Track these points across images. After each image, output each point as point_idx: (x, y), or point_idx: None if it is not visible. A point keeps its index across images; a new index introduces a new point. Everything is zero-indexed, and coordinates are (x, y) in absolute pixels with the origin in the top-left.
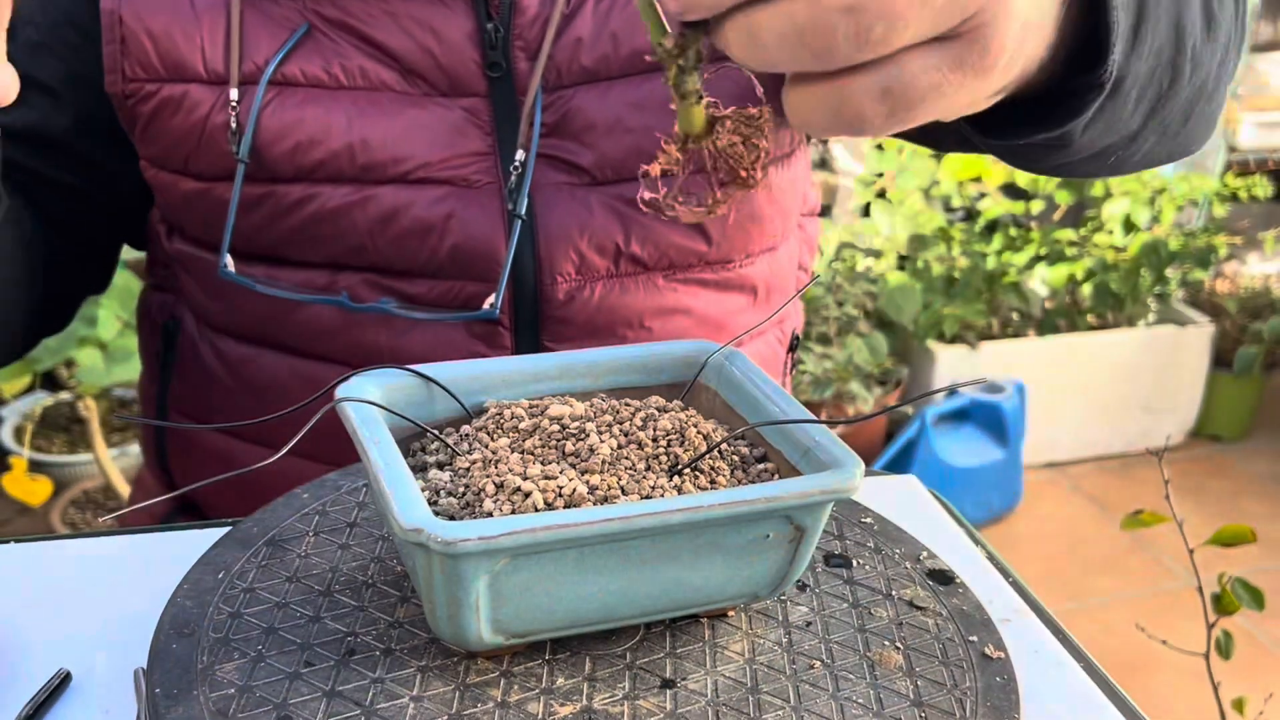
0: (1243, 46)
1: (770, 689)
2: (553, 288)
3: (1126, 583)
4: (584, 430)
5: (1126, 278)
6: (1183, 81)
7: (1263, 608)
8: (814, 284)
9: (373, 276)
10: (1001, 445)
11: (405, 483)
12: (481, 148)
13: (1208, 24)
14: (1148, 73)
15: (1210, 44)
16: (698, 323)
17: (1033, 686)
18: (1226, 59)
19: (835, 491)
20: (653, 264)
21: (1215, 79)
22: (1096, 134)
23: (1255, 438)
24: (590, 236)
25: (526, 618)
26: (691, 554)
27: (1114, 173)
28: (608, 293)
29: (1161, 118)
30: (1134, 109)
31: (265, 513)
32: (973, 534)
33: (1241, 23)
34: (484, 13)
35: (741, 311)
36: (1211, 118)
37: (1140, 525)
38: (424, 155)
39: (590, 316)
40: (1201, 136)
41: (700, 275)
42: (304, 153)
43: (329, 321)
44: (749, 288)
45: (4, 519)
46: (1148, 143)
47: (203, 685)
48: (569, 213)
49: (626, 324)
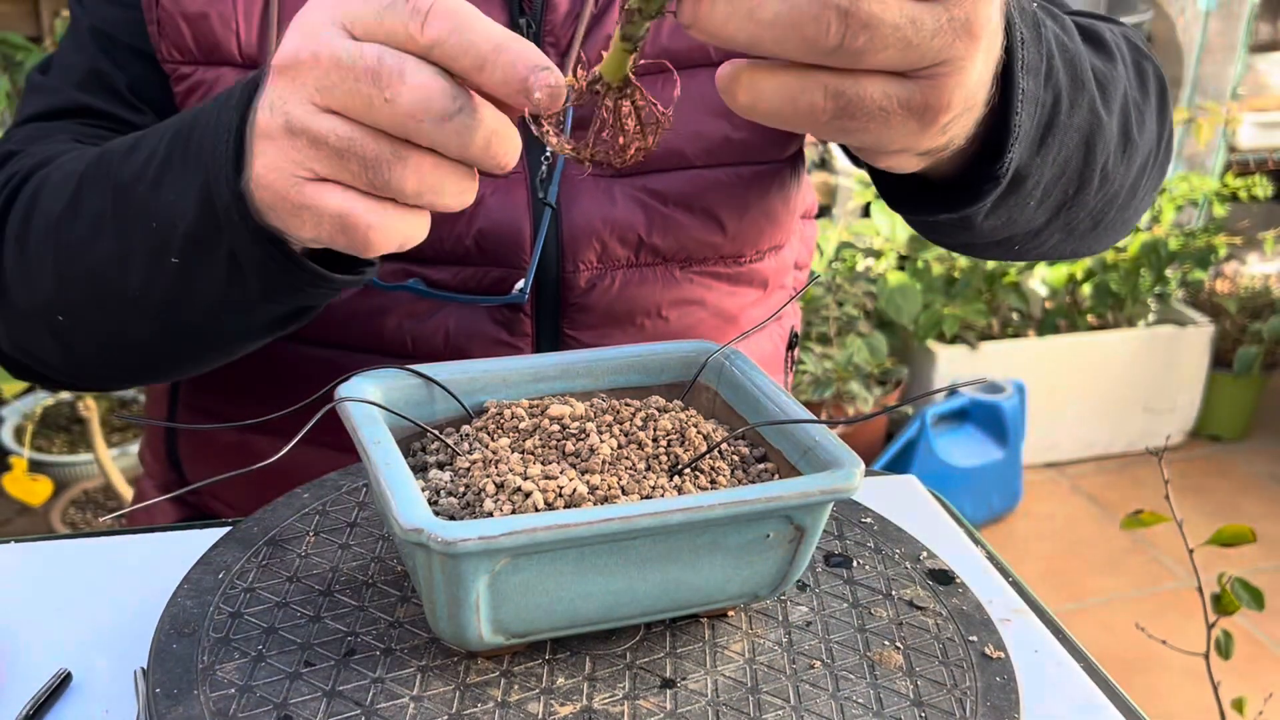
0: (1168, 162)
1: (770, 689)
2: (575, 275)
3: (1126, 583)
4: (584, 430)
5: (1126, 278)
6: (1090, 191)
7: (1263, 608)
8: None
9: (399, 263)
10: (1001, 445)
11: (405, 483)
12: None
13: (1124, 145)
14: (1053, 178)
15: (1126, 163)
16: (711, 314)
17: (1033, 686)
18: (1144, 177)
19: (835, 491)
20: (671, 255)
21: (1130, 191)
22: (999, 222)
23: (1255, 438)
24: (613, 227)
25: (526, 618)
26: (691, 554)
27: (1017, 259)
28: (627, 282)
29: (1067, 219)
30: (1037, 207)
31: (265, 512)
32: (973, 534)
33: (1167, 143)
34: (517, 8)
35: (751, 306)
36: (1126, 223)
37: (1140, 525)
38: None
39: (610, 305)
40: (1113, 239)
41: (715, 269)
42: None
43: (351, 309)
44: (758, 282)
45: (4, 519)
46: (1053, 239)
47: (203, 685)
48: (593, 203)
49: (645, 313)
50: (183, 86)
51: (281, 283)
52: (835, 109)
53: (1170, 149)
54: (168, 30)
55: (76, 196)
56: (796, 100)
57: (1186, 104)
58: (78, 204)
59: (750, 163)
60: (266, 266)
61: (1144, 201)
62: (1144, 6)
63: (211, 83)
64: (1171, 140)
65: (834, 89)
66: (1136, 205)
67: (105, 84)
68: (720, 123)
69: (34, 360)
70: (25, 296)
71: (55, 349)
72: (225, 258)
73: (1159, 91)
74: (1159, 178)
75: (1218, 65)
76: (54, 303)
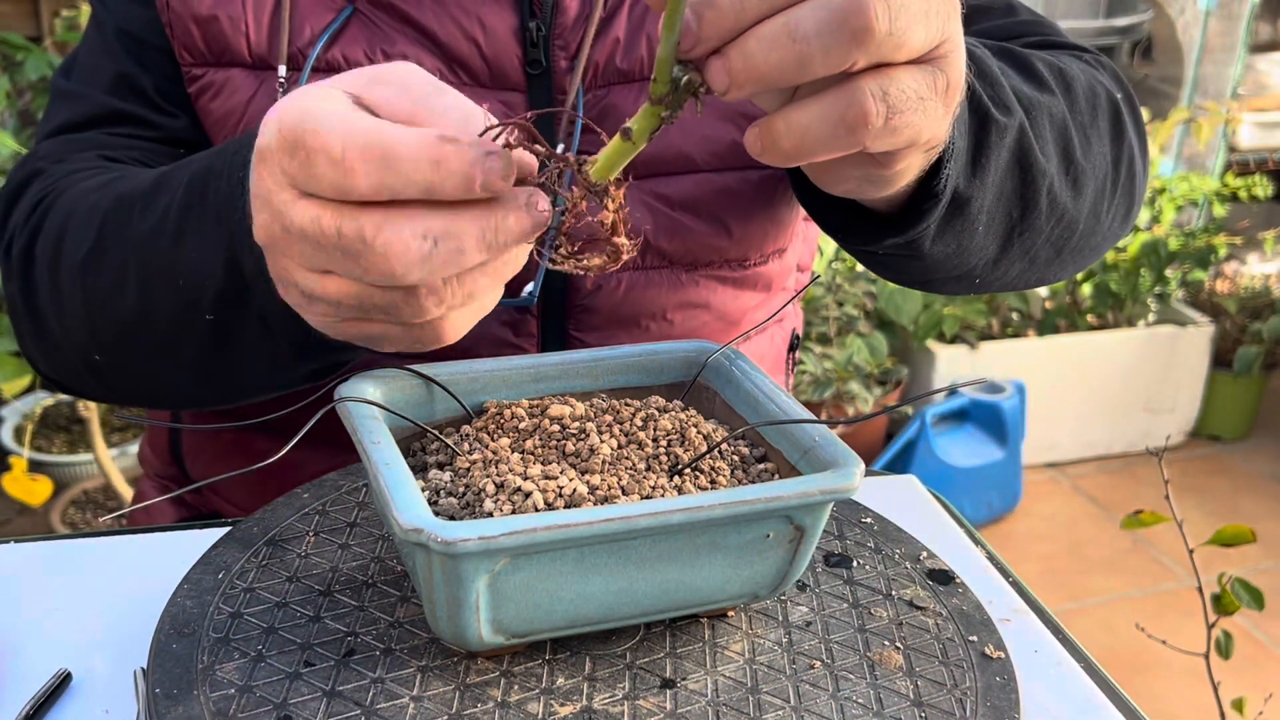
0: (1134, 187)
1: (770, 689)
2: (582, 278)
3: (1126, 583)
4: (584, 430)
5: (1126, 278)
6: (1038, 216)
7: (1263, 608)
8: (814, 284)
9: None
10: (1001, 445)
11: (405, 483)
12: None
13: (1066, 168)
14: (993, 200)
15: (1073, 187)
16: (715, 317)
17: (1033, 686)
18: (1105, 201)
19: (835, 491)
20: (677, 259)
21: (1091, 216)
22: (949, 250)
23: (1255, 438)
24: None
25: (526, 618)
26: (691, 554)
27: (981, 291)
28: (633, 285)
29: (1025, 247)
30: (986, 233)
31: (265, 512)
32: (973, 534)
33: (1129, 167)
34: (527, 10)
35: (754, 308)
36: (1095, 249)
37: (1140, 525)
38: None
39: (615, 307)
40: (1082, 264)
41: (720, 272)
42: None
43: None
44: (762, 285)
45: (4, 519)
46: (1014, 268)
47: (203, 685)
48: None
49: (650, 316)
50: (195, 87)
51: (312, 345)
52: (887, 110)
53: (1134, 173)
54: (178, 32)
55: (99, 243)
56: (845, 116)
57: (1186, 104)
58: (101, 253)
59: (757, 167)
60: (297, 333)
61: (1113, 228)
62: (1144, 6)
63: (221, 84)
64: (1133, 164)
65: (878, 89)
66: (1104, 231)
67: (134, 87)
68: (728, 127)
69: (74, 390)
70: (60, 333)
71: (95, 385)
72: (257, 319)
73: (1112, 116)
74: (1127, 203)
75: (1218, 65)
76: (88, 344)
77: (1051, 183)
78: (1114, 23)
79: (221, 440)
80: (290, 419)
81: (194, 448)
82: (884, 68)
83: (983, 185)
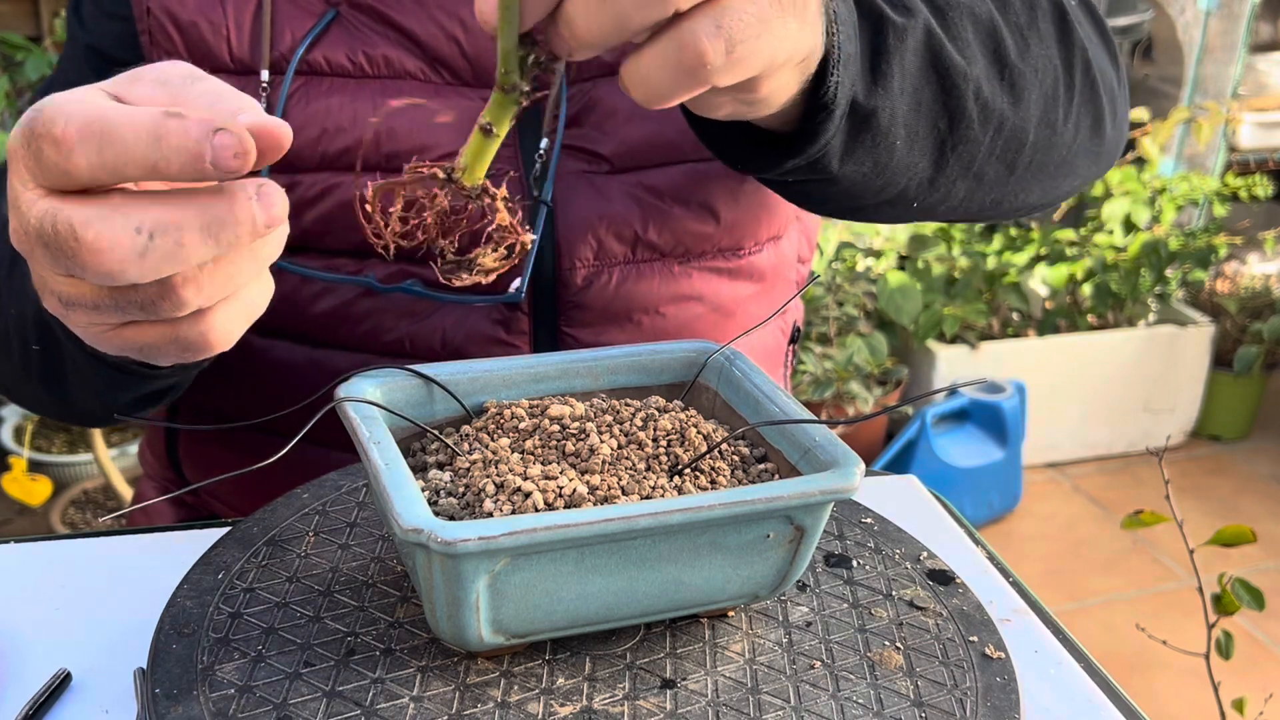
0: (1096, 91)
1: (770, 689)
2: (571, 273)
3: (1126, 583)
4: (584, 430)
5: (1126, 278)
6: (969, 126)
7: (1263, 608)
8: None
9: (397, 265)
10: (1001, 445)
11: (405, 483)
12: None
13: (1000, 73)
14: (909, 111)
15: (1010, 93)
16: (710, 309)
17: (1033, 686)
18: (1060, 110)
19: (835, 491)
20: (668, 250)
21: (1044, 126)
22: (865, 169)
23: (1255, 438)
24: (609, 223)
25: (526, 618)
26: (691, 554)
27: (926, 218)
28: (624, 278)
29: (963, 163)
30: (909, 149)
31: (265, 512)
32: (973, 534)
33: (1085, 69)
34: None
35: (750, 300)
36: (1062, 166)
37: (1140, 525)
38: (447, 144)
39: (607, 302)
40: (1050, 186)
41: (712, 263)
42: (329, 141)
43: (349, 310)
44: (756, 275)
45: (4, 519)
46: (957, 188)
47: (203, 685)
48: (589, 200)
49: (642, 310)
50: None
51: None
52: (725, 44)
53: (1094, 79)
54: (159, 40)
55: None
56: (680, 60)
57: (1187, 104)
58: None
59: None
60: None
61: (1080, 140)
62: (1144, 6)
63: None
64: (1091, 69)
65: (710, 25)
66: (1066, 144)
67: None
68: None
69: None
70: None
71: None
72: (69, 343)
73: (1056, 17)
74: (1092, 112)
75: (1218, 65)
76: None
77: (978, 87)
78: (1114, 23)
79: (217, 443)
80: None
81: (190, 453)
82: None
83: (888, 93)
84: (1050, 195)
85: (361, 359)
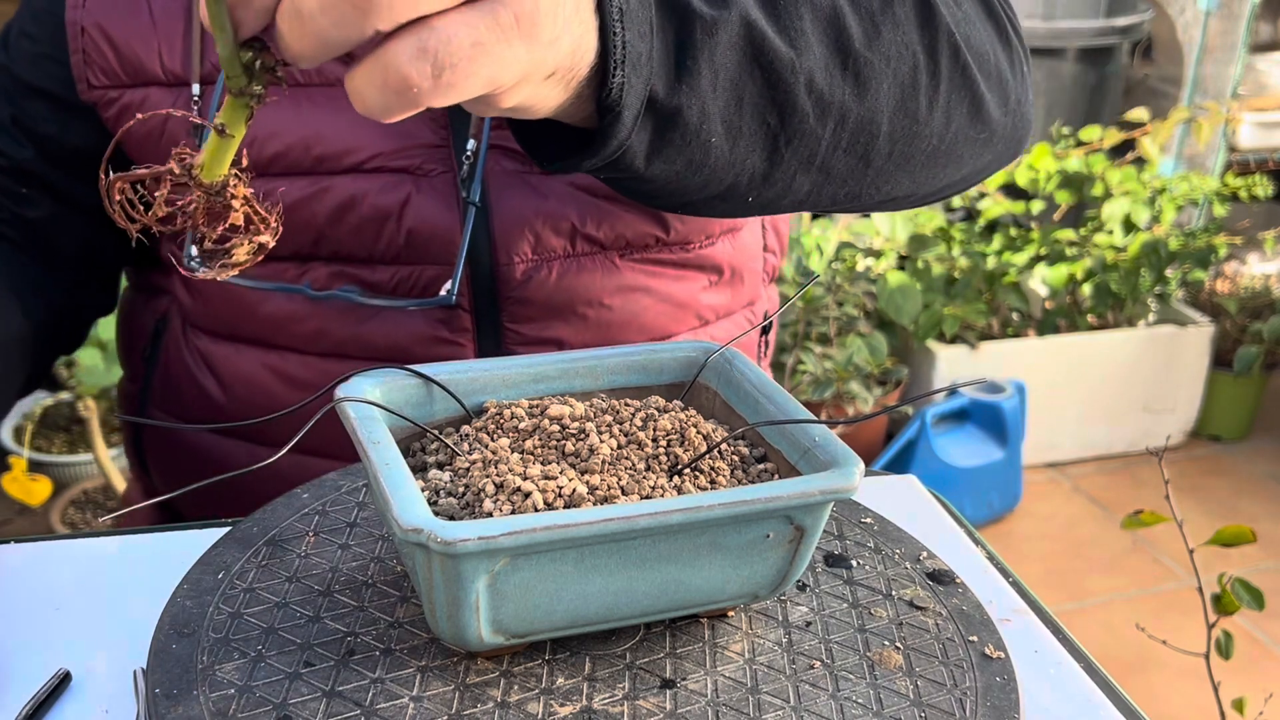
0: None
1: (770, 689)
2: (509, 269)
3: (1126, 583)
4: (584, 430)
5: (1126, 278)
6: (804, 120)
7: (1263, 608)
8: (814, 284)
9: (336, 266)
10: (1001, 445)
11: (405, 483)
12: (434, 139)
13: (842, 61)
14: (727, 106)
15: (854, 83)
16: (658, 301)
17: (1033, 686)
18: (919, 99)
19: (835, 491)
20: (609, 244)
21: (901, 117)
22: (679, 168)
23: (1255, 438)
24: (545, 218)
25: (526, 618)
26: (691, 554)
27: (769, 212)
28: (565, 272)
29: (802, 158)
30: (731, 146)
31: (265, 512)
32: (973, 534)
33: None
34: None
35: (705, 292)
36: (936, 155)
37: (1140, 525)
38: (377, 146)
39: (549, 296)
40: (927, 177)
41: (658, 256)
42: (260, 148)
43: (294, 312)
44: (711, 268)
45: (4, 519)
46: (799, 182)
47: (203, 685)
48: (523, 197)
49: (586, 303)
50: (112, 111)
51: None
52: (432, 68)
53: (964, 62)
54: (94, 58)
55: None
56: (386, 82)
57: (1186, 104)
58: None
59: None
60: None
61: (956, 127)
62: (1144, 6)
63: (139, 103)
64: (960, 53)
65: (415, 47)
66: (937, 132)
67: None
68: None
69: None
70: None
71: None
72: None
73: (915, 1)
74: (968, 96)
75: (1218, 65)
76: None
77: (811, 80)
78: (1114, 23)
79: (183, 450)
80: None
81: (159, 458)
82: (426, 20)
83: (695, 91)
84: (932, 185)
85: (311, 361)
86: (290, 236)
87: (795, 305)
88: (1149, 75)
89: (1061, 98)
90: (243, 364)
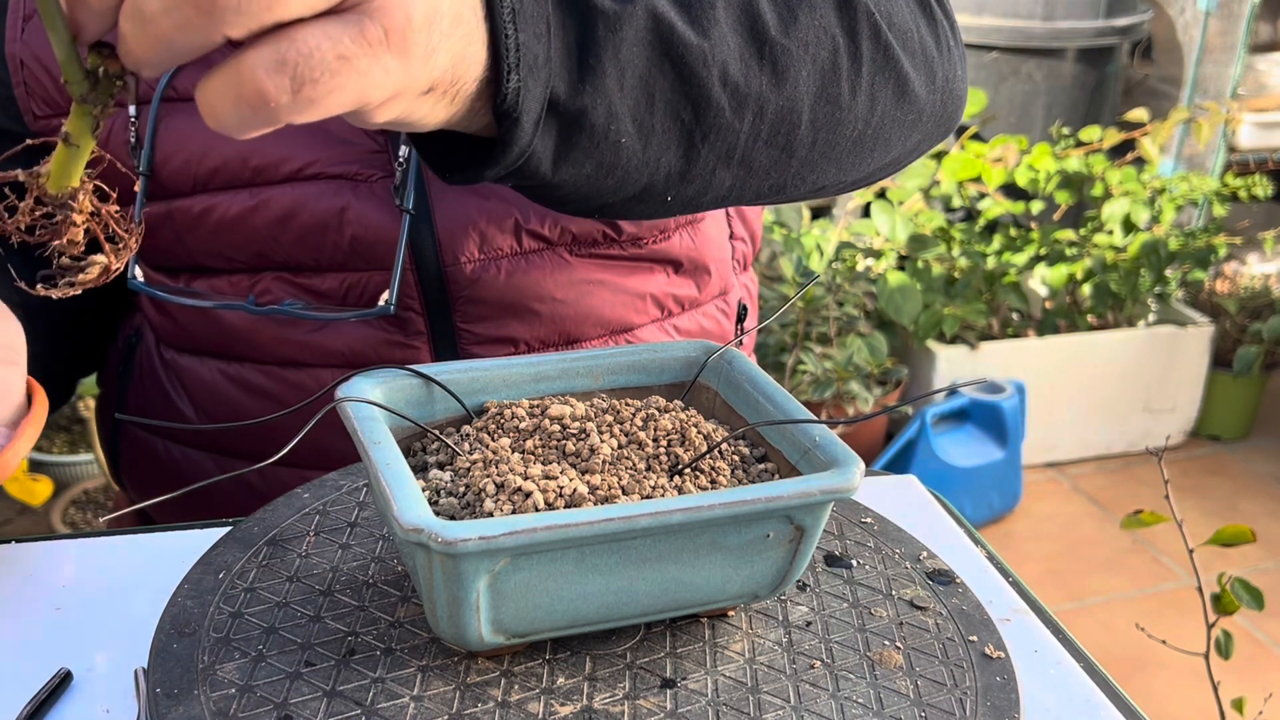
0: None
1: (770, 689)
2: (456, 270)
3: (1126, 583)
4: (585, 430)
5: (1126, 278)
6: (719, 114)
7: (1263, 608)
8: (814, 284)
9: (285, 275)
10: (1001, 445)
11: (406, 483)
12: (372, 145)
13: (758, 51)
14: (637, 106)
15: (774, 72)
16: (615, 293)
17: (1033, 686)
18: (840, 84)
19: (835, 491)
20: (557, 240)
21: (824, 104)
22: (588, 171)
23: (1255, 438)
24: (489, 218)
25: (527, 618)
26: (692, 554)
27: (690, 210)
28: (514, 270)
29: (721, 153)
30: (644, 147)
31: (266, 512)
32: (973, 534)
33: (872, 37)
34: None
35: (664, 284)
36: (863, 141)
37: (1140, 525)
38: (315, 153)
39: (499, 294)
40: (856, 164)
41: (608, 251)
42: (197, 163)
43: (250, 323)
44: (667, 261)
45: (4, 519)
46: (720, 178)
47: (203, 685)
48: (465, 198)
49: (538, 299)
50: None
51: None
52: (290, 84)
53: (885, 42)
54: (35, 89)
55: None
56: (240, 95)
57: (1186, 104)
58: None
59: None
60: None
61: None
62: (1144, 6)
63: None
64: (881, 33)
65: (272, 59)
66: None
67: None
68: None
69: None
70: None
71: None
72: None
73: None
74: (893, 77)
75: (1218, 65)
76: None
77: (726, 72)
78: (1114, 23)
79: (154, 460)
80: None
81: (130, 467)
82: (285, 29)
83: (600, 90)
84: (860, 171)
85: (273, 370)
86: (238, 249)
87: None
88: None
89: (1061, 98)
90: (206, 375)
